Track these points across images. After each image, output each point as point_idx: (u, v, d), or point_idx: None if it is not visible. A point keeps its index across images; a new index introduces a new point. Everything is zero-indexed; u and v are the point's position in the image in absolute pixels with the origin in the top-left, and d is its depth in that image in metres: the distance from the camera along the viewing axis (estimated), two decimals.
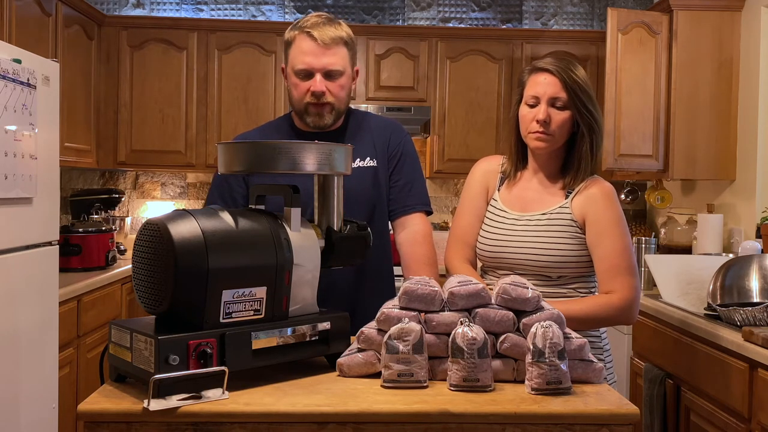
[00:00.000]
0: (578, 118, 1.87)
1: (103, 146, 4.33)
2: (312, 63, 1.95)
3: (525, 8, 4.78)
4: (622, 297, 1.80)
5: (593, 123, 1.88)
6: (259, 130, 2.19)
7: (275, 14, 4.71)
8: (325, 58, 1.95)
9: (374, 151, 2.07)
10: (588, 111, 1.87)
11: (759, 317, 2.36)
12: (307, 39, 1.96)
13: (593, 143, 1.89)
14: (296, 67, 1.97)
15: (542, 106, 1.85)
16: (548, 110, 1.85)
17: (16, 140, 2.41)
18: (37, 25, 3.45)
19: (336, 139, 2.03)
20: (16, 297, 2.47)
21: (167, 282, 1.35)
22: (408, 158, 2.11)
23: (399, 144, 2.11)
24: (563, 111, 1.86)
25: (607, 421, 1.33)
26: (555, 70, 1.85)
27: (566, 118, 1.86)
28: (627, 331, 3.35)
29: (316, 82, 1.96)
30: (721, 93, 3.74)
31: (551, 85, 1.85)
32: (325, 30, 1.96)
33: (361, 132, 2.09)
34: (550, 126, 1.85)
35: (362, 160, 2.04)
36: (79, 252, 3.65)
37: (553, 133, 1.86)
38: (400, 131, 2.15)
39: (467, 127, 4.46)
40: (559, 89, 1.85)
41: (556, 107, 1.86)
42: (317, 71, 1.96)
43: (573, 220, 1.87)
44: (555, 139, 1.88)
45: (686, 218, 4.01)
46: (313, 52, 1.95)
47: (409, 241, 2.05)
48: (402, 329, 1.43)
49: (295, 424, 1.31)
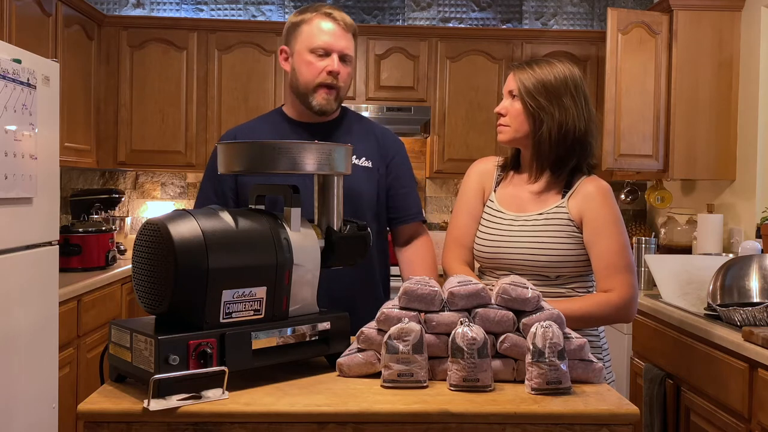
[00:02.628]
0: (525, 108, 1.89)
1: (103, 146, 4.33)
2: (331, 43, 1.96)
3: (525, 8, 4.78)
4: (620, 295, 1.81)
5: (539, 113, 1.87)
6: (250, 123, 2.17)
7: (275, 14, 4.71)
8: (343, 41, 1.98)
9: (370, 152, 2.07)
10: (534, 100, 1.87)
11: (759, 317, 2.37)
12: (327, 19, 1.98)
13: (538, 133, 1.88)
14: (314, 44, 1.96)
15: (504, 101, 1.94)
16: (505, 102, 1.93)
17: (16, 140, 2.41)
18: (37, 25, 3.45)
19: (329, 132, 2.05)
20: (16, 297, 2.47)
21: (167, 282, 1.36)
22: (406, 167, 2.15)
23: (398, 151, 2.13)
24: (515, 101, 1.91)
25: (607, 421, 1.33)
26: (514, 65, 1.94)
27: (518, 108, 1.90)
28: (627, 331, 3.34)
29: (333, 62, 1.96)
30: (721, 93, 3.74)
31: (510, 81, 1.94)
32: (343, 15, 2.00)
33: (357, 131, 2.10)
34: (506, 117, 1.92)
35: (358, 159, 2.04)
36: (79, 252, 3.65)
37: (508, 123, 1.92)
38: (396, 138, 2.17)
39: (467, 127, 4.46)
40: (513, 82, 1.92)
41: (512, 98, 1.92)
42: (335, 52, 1.97)
43: (570, 220, 1.87)
44: (512, 130, 1.92)
45: (686, 218, 4.01)
46: (334, 32, 1.97)
47: (416, 252, 2.11)
48: (402, 329, 1.43)
49: (295, 424, 1.31)
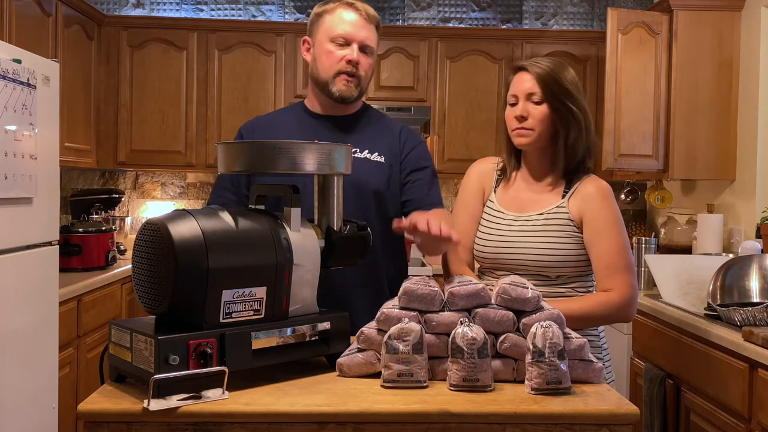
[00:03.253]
0: (553, 113, 1.88)
1: (103, 146, 4.33)
2: (352, 33, 1.98)
3: (525, 8, 4.78)
4: (620, 295, 1.81)
5: (570, 117, 1.87)
6: (270, 115, 2.21)
7: (275, 14, 4.71)
8: (364, 31, 1.99)
9: (386, 148, 2.06)
10: (563, 104, 1.87)
11: (759, 317, 2.37)
12: (350, 9, 1.99)
13: (568, 137, 1.88)
14: (334, 33, 1.98)
15: (520, 103, 1.89)
16: (526, 106, 1.88)
17: (16, 140, 2.41)
18: (37, 25, 3.45)
19: (349, 125, 2.04)
20: (16, 297, 2.47)
21: (167, 282, 1.36)
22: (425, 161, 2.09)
23: (414, 147, 2.09)
24: (540, 105, 1.88)
25: (607, 421, 1.33)
26: (528, 65, 1.89)
27: (544, 111, 1.87)
28: (627, 331, 3.34)
29: (353, 52, 1.97)
30: (721, 93, 3.74)
31: (526, 81, 1.89)
32: (366, 6, 2.01)
33: (376, 126, 2.09)
34: (530, 121, 1.88)
35: (371, 154, 2.03)
36: (79, 252, 3.65)
37: (533, 127, 1.88)
38: (415, 136, 2.14)
39: (467, 127, 4.46)
40: (533, 84, 1.87)
41: (534, 102, 1.88)
42: (356, 42, 1.98)
43: (570, 220, 1.88)
44: (536, 134, 1.89)
45: (686, 218, 4.01)
46: (355, 23, 1.98)
47: None
48: (402, 329, 1.43)
49: (295, 424, 1.31)
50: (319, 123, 2.05)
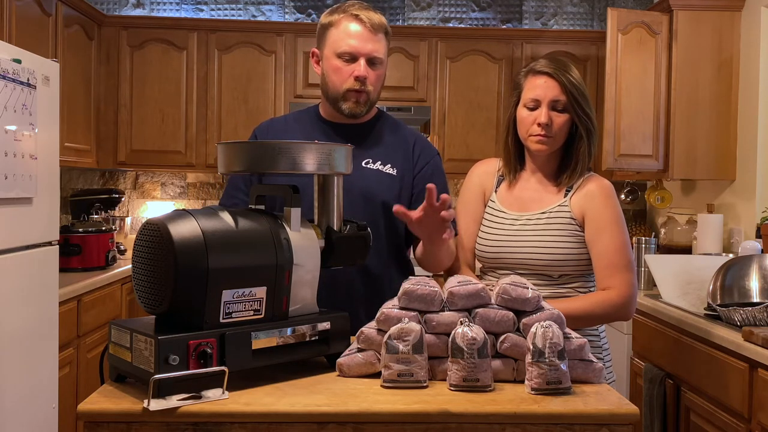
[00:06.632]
0: (576, 121, 1.89)
1: (103, 146, 4.33)
2: (358, 47, 1.92)
3: (525, 8, 4.78)
4: (620, 293, 1.81)
5: (590, 125, 1.90)
6: (286, 117, 2.16)
7: (275, 14, 4.71)
8: (370, 44, 1.93)
9: (398, 160, 2.02)
10: (585, 113, 1.89)
11: (759, 317, 2.37)
12: (355, 21, 1.93)
13: (590, 144, 1.91)
14: (340, 49, 1.92)
15: (543, 109, 1.87)
16: (550, 113, 1.86)
17: (16, 140, 2.41)
18: (37, 25, 3.45)
19: (360, 134, 2.00)
20: (16, 297, 2.47)
21: (167, 282, 1.35)
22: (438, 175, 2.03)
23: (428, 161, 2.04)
24: (563, 114, 1.88)
25: (607, 421, 1.33)
26: (554, 72, 1.87)
27: (566, 120, 1.88)
28: (627, 331, 3.34)
29: (360, 68, 1.92)
30: (721, 93, 3.74)
31: (551, 88, 1.86)
32: (371, 15, 1.95)
33: (389, 137, 2.04)
34: (552, 128, 1.87)
35: (383, 165, 1.99)
36: (79, 252, 3.65)
37: (554, 135, 1.88)
38: (431, 148, 2.09)
39: (467, 127, 4.46)
40: (559, 92, 1.86)
41: (557, 110, 1.87)
42: (362, 56, 1.92)
43: (572, 218, 1.88)
44: (555, 141, 1.90)
45: (686, 218, 4.01)
46: (361, 36, 1.92)
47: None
48: (402, 329, 1.43)
49: (295, 424, 1.31)
50: (333, 131, 2.02)
